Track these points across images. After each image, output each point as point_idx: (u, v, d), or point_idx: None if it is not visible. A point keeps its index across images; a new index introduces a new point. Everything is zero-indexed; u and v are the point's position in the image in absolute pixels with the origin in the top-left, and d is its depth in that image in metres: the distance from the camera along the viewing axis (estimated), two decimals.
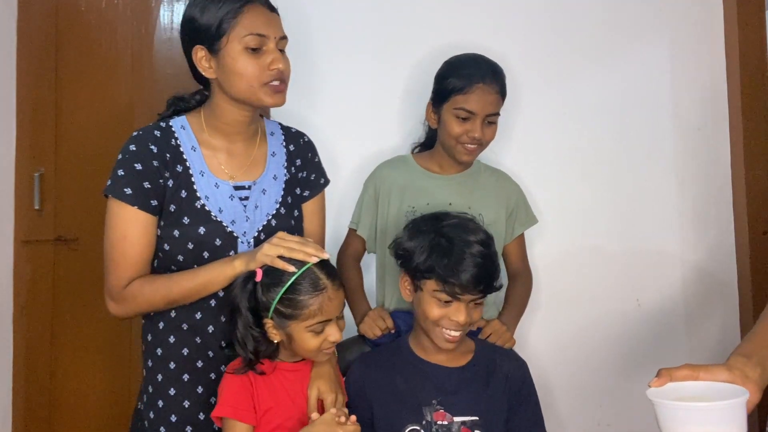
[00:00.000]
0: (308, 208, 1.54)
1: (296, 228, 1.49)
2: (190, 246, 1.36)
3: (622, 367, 2.11)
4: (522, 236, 1.88)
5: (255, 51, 1.34)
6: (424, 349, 1.44)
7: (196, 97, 1.49)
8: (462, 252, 1.35)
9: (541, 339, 2.05)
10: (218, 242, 1.38)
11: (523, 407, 1.43)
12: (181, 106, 1.48)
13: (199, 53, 1.37)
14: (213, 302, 1.38)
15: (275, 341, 1.31)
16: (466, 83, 1.67)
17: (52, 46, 2.18)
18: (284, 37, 1.39)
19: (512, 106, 2.05)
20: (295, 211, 1.50)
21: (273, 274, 1.27)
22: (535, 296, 1.85)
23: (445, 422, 1.36)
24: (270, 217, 1.44)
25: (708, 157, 2.16)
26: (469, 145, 1.70)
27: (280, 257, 1.26)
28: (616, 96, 2.13)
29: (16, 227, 2.18)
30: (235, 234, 1.39)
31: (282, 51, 1.39)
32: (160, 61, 2.19)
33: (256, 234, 1.41)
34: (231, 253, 1.38)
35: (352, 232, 1.85)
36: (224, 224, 1.39)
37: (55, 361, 2.17)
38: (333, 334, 1.29)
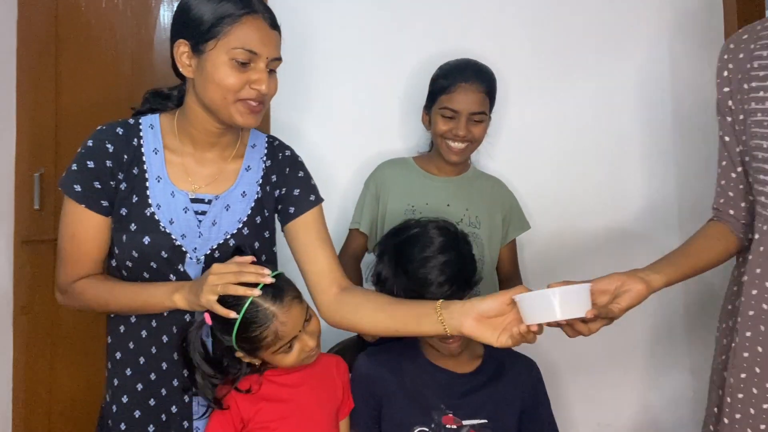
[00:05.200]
0: (303, 223, 1.38)
1: (261, 251, 1.36)
2: (135, 254, 1.28)
3: (622, 367, 2.11)
4: (514, 242, 1.91)
5: (242, 65, 1.22)
6: (433, 352, 1.43)
7: (175, 92, 1.39)
8: (420, 270, 1.34)
9: (540, 340, 2.05)
10: (165, 255, 1.28)
11: (535, 409, 1.43)
12: (157, 105, 1.38)
13: (182, 48, 1.26)
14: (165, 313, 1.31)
15: (257, 364, 1.31)
16: (450, 83, 1.73)
17: (52, 46, 2.17)
18: (278, 59, 1.28)
19: (510, 109, 2.06)
20: (265, 232, 1.37)
21: (221, 317, 1.21)
22: None
23: (454, 426, 1.35)
24: (229, 236, 1.32)
25: (708, 157, 2.16)
26: (453, 144, 1.74)
27: (221, 299, 1.18)
28: (615, 96, 2.13)
29: (16, 227, 2.18)
30: (183, 249, 1.29)
31: (272, 71, 1.29)
32: (160, 61, 2.18)
33: (209, 252, 1.30)
34: (180, 267, 1.29)
35: (353, 232, 1.87)
36: (173, 237, 1.28)
37: (55, 361, 2.17)
38: (305, 345, 1.27)
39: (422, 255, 1.35)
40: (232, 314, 1.19)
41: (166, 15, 2.19)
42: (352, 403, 1.42)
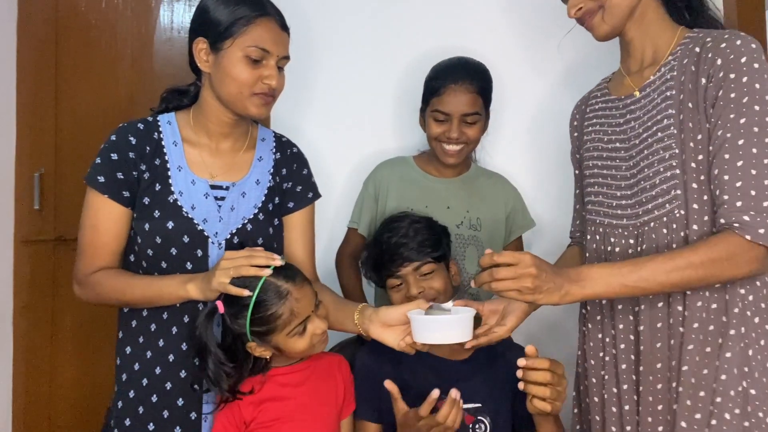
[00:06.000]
0: (293, 220, 1.51)
1: (274, 237, 1.47)
2: (158, 240, 1.35)
3: None
4: (520, 239, 1.88)
5: (255, 62, 1.34)
6: None
7: (191, 89, 1.49)
8: (384, 239, 1.52)
9: (539, 337, 2.05)
10: (186, 239, 1.36)
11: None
12: (174, 103, 1.49)
13: (200, 45, 1.38)
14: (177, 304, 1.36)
15: (267, 357, 1.32)
16: (439, 85, 1.71)
17: (52, 46, 2.17)
18: (287, 57, 1.40)
19: (509, 107, 2.05)
20: (275, 219, 1.48)
21: (234, 301, 1.25)
22: None
23: None
24: (246, 221, 1.42)
25: None
26: (447, 146, 1.72)
27: (233, 281, 1.23)
28: None
29: (16, 227, 2.18)
30: (205, 233, 1.38)
31: (281, 69, 1.40)
32: (159, 62, 2.19)
33: (229, 236, 1.39)
34: (199, 253, 1.36)
35: (351, 231, 1.86)
36: (195, 221, 1.37)
37: (55, 361, 2.17)
38: (317, 327, 1.30)
39: (396, 224, 1.53)
40: (245, 292, 1.22)
41: (166, 15, 2.19)
42: (353, 404, 1.44)
